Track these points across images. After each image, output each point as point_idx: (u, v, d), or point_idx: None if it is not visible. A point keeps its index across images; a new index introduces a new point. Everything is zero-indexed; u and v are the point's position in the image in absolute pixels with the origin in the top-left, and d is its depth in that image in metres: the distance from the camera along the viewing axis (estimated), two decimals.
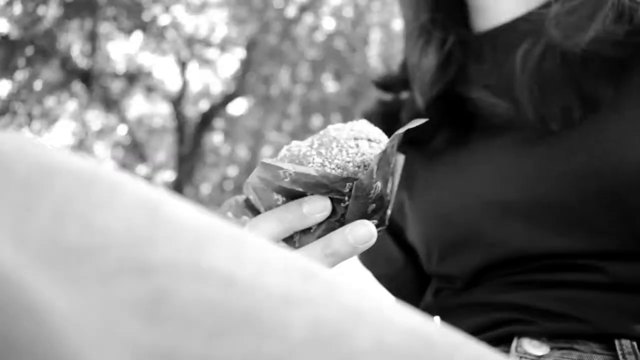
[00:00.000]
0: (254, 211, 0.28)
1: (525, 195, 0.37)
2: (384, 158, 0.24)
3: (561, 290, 0.34)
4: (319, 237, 0.25)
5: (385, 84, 0.48)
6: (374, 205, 0.25)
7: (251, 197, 0.26)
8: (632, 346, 0.31)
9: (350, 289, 0.12)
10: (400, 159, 0.27)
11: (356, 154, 0.24)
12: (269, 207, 0.25)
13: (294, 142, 0.26)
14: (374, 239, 0.24)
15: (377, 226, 0.26)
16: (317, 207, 0.24)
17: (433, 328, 0.12)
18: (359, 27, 4.89)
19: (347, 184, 0.24)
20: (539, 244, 0.36)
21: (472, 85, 0.42)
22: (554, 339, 0.33)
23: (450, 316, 0.40)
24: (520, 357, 0.32)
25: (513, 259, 0.37)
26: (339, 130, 0.25)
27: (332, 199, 0.24)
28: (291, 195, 0.25)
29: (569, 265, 0.35)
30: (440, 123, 0.42)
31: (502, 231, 0.37)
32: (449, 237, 0.40)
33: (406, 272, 0.48)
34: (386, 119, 0.46)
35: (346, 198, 0.24)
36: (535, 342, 0.33)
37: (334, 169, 0.24)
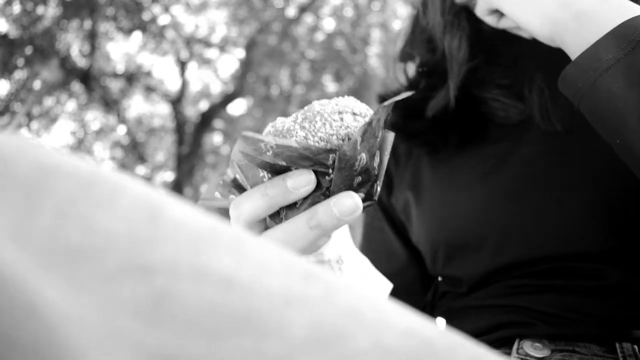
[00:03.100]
0: (241, 190, 0.27)
1: (531, 200, 0.36)
2: (369, 130, 0.24)
3: (563, 294, 0.35)
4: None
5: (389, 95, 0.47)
6: (359, 178, 0.25)
7: (237, 176, 0.26)
8: (633, 349, 0.31)
9: (349, 290, 0.12)
10: (390, 136, 0.27)
11: (340, 127, 0.24)
12: (255, 185, 0.25)
13: (279, 119, 0.25)
14: (359, 211, 0.23)
15: (364, 200, 0.25)
16: (302, 181, 0.23)
17: (432, 329, 0.12)
18: (359, 27, 4.89)
19: (331, 155, 0.23)
20: (543, 249, 0.36)
21: (486, 85, 0.42)
22: (555, 341, 0.33)
23: (455, 319, 0.40)
24: (522, 359, 0.32)
25: (517, 263, 0.37)
26: (323, 105, 0.25)
27: (316, 173, 0.24)
28: (276, 171, 0.24)
29: (572, 270, 0.35)
30: (453, 125, 0.41)
31: (507, 236, 0.37)
32: (455, 240, 0.40)
33: (409, 271, 0.48)
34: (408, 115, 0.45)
35: (330, 171, 0.24)
36: (536, 344, 0.33)
37: (317, 141, 0.23)
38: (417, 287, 0.48)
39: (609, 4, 0.29)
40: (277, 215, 0.26)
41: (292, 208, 0.25)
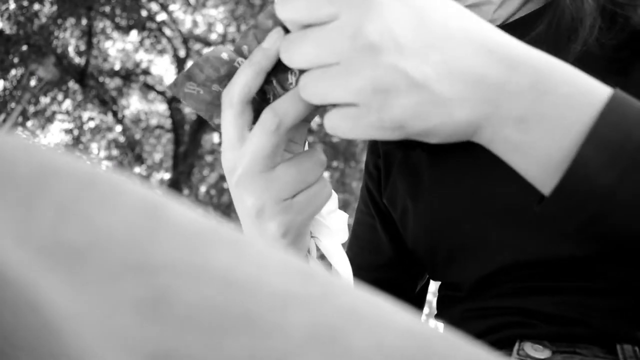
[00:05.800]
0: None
1: (531, 201, 0.36)
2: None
3: (564, 295, 0.35)
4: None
5: None
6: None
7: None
8: (634, 351, 0.31)
9: (348, 290, 0.12)
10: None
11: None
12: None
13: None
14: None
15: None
16: (272, 36, 0.27)
17: (431, 329, 0.12)
18: None
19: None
20: (544, 250, 0.36)
21: None
22: (556, 342, 0.33)
23: (455, 323, 0.40)
24: None
25: (517, 264, 0.37)
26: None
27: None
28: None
29: (573, 271, 0.35)
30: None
31: (508, 237, 0.37)
32: (454, 242, 0.40)
33: (395, 266, 0.47)
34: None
35: None
36: (537, 346, 0.33)
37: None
38: (402, 282, 0.48)
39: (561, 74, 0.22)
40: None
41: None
